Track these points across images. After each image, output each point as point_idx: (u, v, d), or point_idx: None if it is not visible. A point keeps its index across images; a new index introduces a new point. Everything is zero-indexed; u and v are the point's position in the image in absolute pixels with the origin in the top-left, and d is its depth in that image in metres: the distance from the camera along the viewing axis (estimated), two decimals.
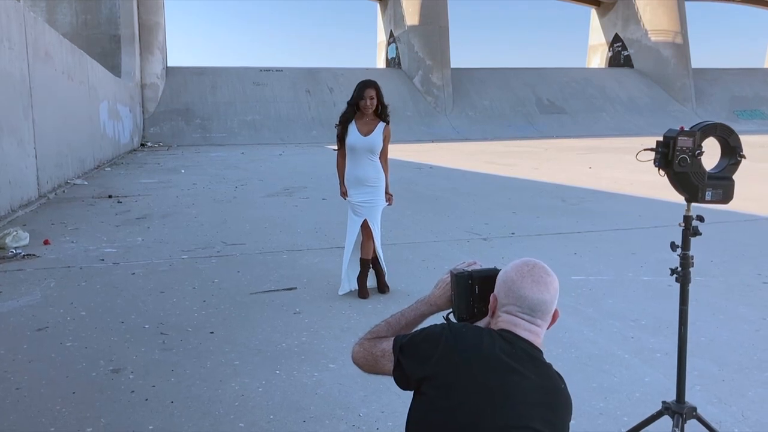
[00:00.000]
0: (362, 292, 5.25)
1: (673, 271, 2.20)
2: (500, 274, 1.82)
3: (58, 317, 4.78)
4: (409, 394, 1.78)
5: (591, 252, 6.88)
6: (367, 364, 1.88)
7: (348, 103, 5.16)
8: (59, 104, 13.55)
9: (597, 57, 46.27)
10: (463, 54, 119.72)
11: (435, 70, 37.84)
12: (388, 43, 42.13)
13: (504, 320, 1.76)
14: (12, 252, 6.89)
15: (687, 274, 2.17)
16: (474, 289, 1.90)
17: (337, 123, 5.23)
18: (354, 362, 1.91)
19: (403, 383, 1.77)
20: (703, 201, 2.11)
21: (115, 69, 26.84)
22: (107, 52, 29.07)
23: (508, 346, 1.69)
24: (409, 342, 1.78)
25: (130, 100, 27.29)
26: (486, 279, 1.88)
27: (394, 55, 41.33)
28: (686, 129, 2.07)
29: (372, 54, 46.57)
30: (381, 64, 43.74)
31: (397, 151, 23.10)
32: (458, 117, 37.23)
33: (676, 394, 2.38)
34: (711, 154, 2.47)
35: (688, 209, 2.16)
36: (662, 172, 2.16)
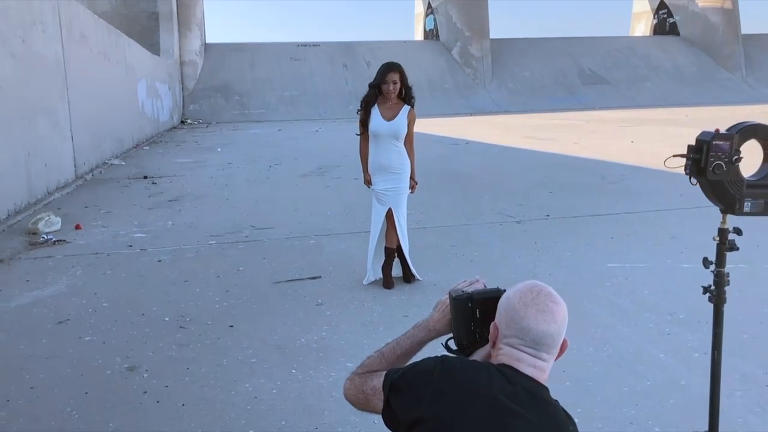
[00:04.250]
0: (387, 282, 5.10)
1: (705, 290, 1.98)
2: (502, 299, 1.63)
3: (80, 309, 4.75)
4: None
5: (629, 236, 6.59)
6: (358, 402, 1.72)
7: (370, 85, 4.96)
8: (96, 85, 13.61)
9: (641, 25, 44.77)
10: (503, 24, 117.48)
11: (474, 42, 37.12)
12: (426, 15, 41.45)
13: (505, 353, 1.57)
14: (43, 238, 6.92)
15: (722, 293, 1.94)
16: (475, 313, 1.72)
17: (359, 107, 5.04)
18: (346, 399, 1.76)
19: (393, 425, 1.61)
20: (741, 213, 1.88)
21: (153, 47, 26.96)
22: (146, 30, 29.16)
23: (509, 385, 1.50)
24: (399, 379, 1.61)
25: (169, 77, 27.44)
26: (487, 301, 1.70)
27: (432, 27, 40.68)
28: (722, 131, 1.84)
29: (410, 26, 45.94)
30: (419, 36, 43.13)
31: (433, 126, 22.83)
32: (497, 89, 36.55)
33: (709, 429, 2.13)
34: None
35: (724, 221, 1.93)
36: (694, 181, 1.93)
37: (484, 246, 6.38)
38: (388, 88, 4.85)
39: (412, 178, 5.13)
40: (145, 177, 11.80)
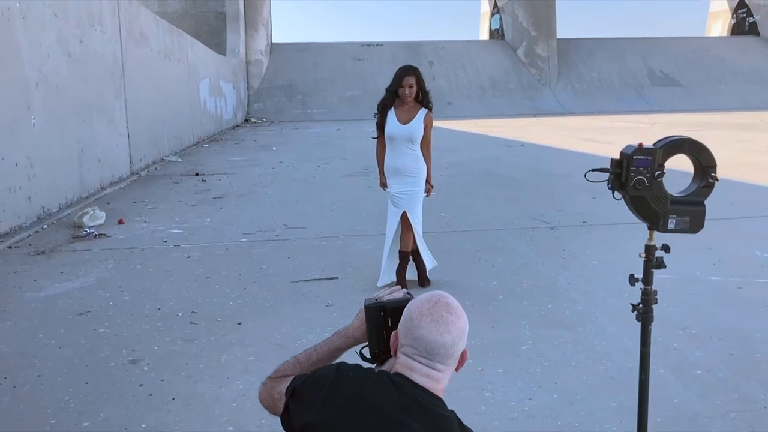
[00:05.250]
0: (400, 285, 5.09)
1: (634, 308, 1.92)
2: (406, 308, 1.64)
3: (102, 301, 4.95)
4: None
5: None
6: (269, 406, 1.75)
7: (386, 89, 4.98)
8: (155, 84, 14.09)
9: (718, 25, 43.01)
10: (571, 23, 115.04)
11: (540, 41, 36.50)
12: (492, 14, 41.03)
13: (401, 362, 1.58)
14: (86, 231, 7.22)
15: (649, 311, 1.88)
16: (387, 322, 1.73)
17: (376, 111, 5.07)
18: (260, 403, 1.79)
19: (288, 430, 1.63)
20: (666, 230, 1.82)
21: (220, 46, 27.67)
22: (213, 29, 29.93)
23: (397, 394, 1.50)
24: (300, 384, 1.64)
25: (234, 76, 28.08)
26: (398, 310, 1.71)
27: (497, 27, 40.23)
28: (645, 145, 1.78)
29: (475, 26, 45.60)
30: (484, 35, 42.74)
31: (492, 126, 22.63)
32: (563, 90, 35.84)
33: None
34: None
35: (651, 237, 1.87)
36: (618, 195, 1.87)
37: (509, 252, 6.30)
38: (404, 91, 4.86)
39: (428, 181, 5.12)
40: (197, 174, 12.13)
